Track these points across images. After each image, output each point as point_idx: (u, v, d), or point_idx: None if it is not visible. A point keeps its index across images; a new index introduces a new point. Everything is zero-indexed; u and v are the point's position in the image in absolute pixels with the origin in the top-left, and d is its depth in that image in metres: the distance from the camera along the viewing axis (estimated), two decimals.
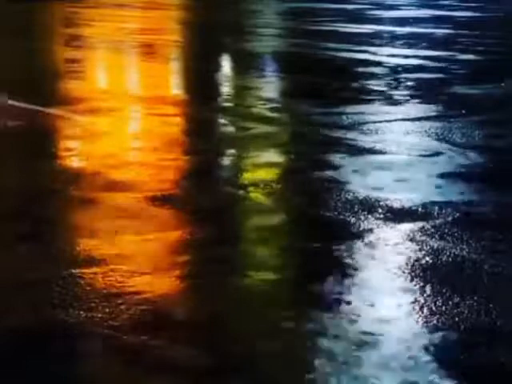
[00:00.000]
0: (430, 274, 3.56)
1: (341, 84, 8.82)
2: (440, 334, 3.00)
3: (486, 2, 21.56)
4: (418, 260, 3.72)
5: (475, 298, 3.30)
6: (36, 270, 3.60)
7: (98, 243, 3.94)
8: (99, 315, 3.14)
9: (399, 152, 5.79)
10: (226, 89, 9.34)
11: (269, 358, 2.87)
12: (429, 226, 4.18)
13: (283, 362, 2.83)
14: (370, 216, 4.34)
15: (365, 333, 3.01)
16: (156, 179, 5.12)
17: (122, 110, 7.51)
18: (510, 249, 3.87)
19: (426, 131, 6.45)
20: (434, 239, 3.99)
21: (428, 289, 3.40)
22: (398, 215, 4.37)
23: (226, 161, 5.88)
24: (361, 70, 10.03)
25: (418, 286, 3.43)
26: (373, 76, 9.43)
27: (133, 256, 3.77)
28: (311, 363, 2.79)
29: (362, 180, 5.07)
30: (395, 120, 6.94)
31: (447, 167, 5.39)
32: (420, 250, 3.85)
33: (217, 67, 10.92)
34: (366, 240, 3.99)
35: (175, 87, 9.51)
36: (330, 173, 5.24)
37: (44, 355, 2.87)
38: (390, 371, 2.73)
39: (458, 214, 4.39)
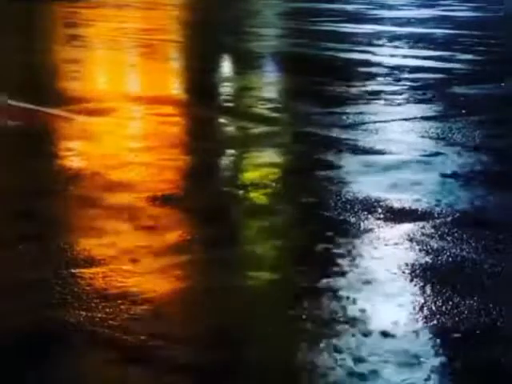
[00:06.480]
0: (429, 274, 3.56)
1: (341, 84, 8.81)
2: (440, 333, 3.00)
3: (486, 2, 21.56)
4: (417, 260, 3.72)
5: (475, 297, 3.30)
6: (36, 270, 3.60)
7: (98, 243, 3.94)
8: (99, 315, 3.14)
9: (399, 152, 5.79)
10: (226, 89, 9.34)
11: (268, 357, 2.87)
12: (429, 226, 4.18)
13: (282, 363, 2.83)
14: (369, 216, 4.34)
15: (365, 333, 3.01)
16: (156, 179, 5.12)
17: (121, 110, 7.51)
18: (510, 249, 3.87)
19: (426, 131, 6.46)
20: (434, 239, 3.99)
21: (428, 289, 3.40)
22: (397, 215, 4.37)
23: (226, 161, 5.88)
24: (361, 70, 10.03)
25: (417, 286, 3.43)
26: (373, 76, 9.43)
27: (133, 256, 3.77)
28: (310, 364, 2.79)
29: (362, 180, 5.07)
30: (395, 120, 6.94)
31: (447, 167, 5.39)
32: (420, 250, 3.85)
33: (217, 67, 10.92)
34: (366, 240, 3.99)
35: (175, 87, 9.51)
36: (330, 173, 5.24)
37: (44, 355, 2.87)
38: (389, 371, 2.73)
39: (458, 214, 4.39)
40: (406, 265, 3.67)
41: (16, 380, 2.73)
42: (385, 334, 2.99)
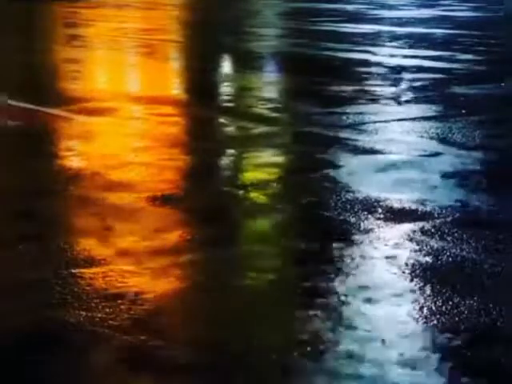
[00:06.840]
0: (429, 274, 3.56)
1: (341, 84, 8.81)
2: (440, 333, 3.00)
3: (486, 2, 21.56)
4: (417, 260, 3.72)
5: (475, 297, 3.30)
6: (36, 270, 3.60)
7: (97, 243, 3.94)
8: (99, 315, 3.14)
9: (399, 152, 5.79)
10: (226, 89, 9.34)
11: (268, 357, 2.87)
12: (429, 226, 4.18)
13: (282, 364, 2.83)
14: (370, 216, 4.34)
15: (364, 333, 3.01)
16: (156, 179, 5.12)
17: (121, 110, 7.50)
18: (510, 249, 3.87)
19: (426, 131, 6.46)
20: (434, 239, 3.99)
21: (428, 289, 3.40)
22: (397, 215, 4.37)
23: (226, 161, 5.88)
24: (361, 70, 10.03)
25: (417, 286, 3.43)
26: (373, 76, 9.44)
27: (133, 256, 3.77)
28: (309, 365, 2.79)
29: (361, 180, 5.07)
30: (395, 120, 6.94)
31: (447, 167, 5.39)
32: (420, 250, 3.85)
33: (217, 67, 10.92)
34: (366, 240, 3.99)
35: (175, 87, 9.51)
36: (330, 173, 5.24)
37: (44, 355, 2.87)
38: (389, 370, 2.73)
39: (458, 214, 4.39)
40: (406, 265, 3.67)
41: (16, 380, 2.73)
42: (384, 335, 2.99)
